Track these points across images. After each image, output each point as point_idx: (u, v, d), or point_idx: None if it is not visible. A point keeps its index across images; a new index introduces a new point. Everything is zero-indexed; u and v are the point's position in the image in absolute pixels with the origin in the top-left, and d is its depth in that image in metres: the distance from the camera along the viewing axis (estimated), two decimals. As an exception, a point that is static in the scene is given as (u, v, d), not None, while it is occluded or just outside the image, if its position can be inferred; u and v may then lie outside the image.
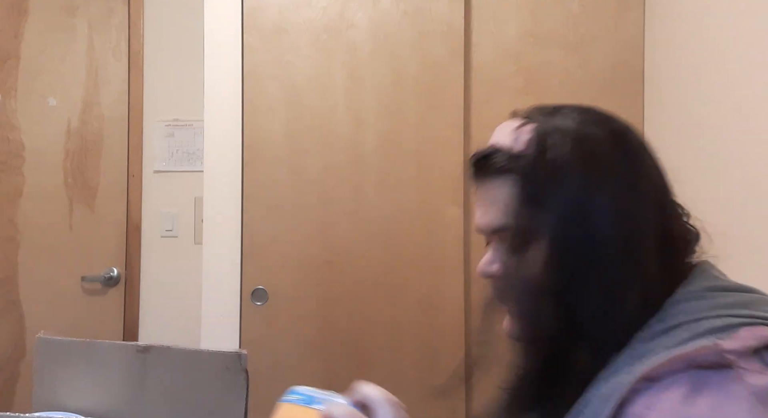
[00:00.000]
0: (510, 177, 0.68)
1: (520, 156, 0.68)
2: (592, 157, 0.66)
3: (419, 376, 2.14)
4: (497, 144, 0.71)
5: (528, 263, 0.67)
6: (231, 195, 2.16)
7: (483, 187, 0.71)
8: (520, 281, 0.68)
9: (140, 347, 1.03)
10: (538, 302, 0.67)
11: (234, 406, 0.97)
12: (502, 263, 0.71)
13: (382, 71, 2.16)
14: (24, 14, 2.65)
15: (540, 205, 0.66)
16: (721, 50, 1.70)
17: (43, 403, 1.08)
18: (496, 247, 0.73)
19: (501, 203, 0.69)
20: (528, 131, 0.69)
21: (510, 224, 0.68)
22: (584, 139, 0.67)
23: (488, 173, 0.70)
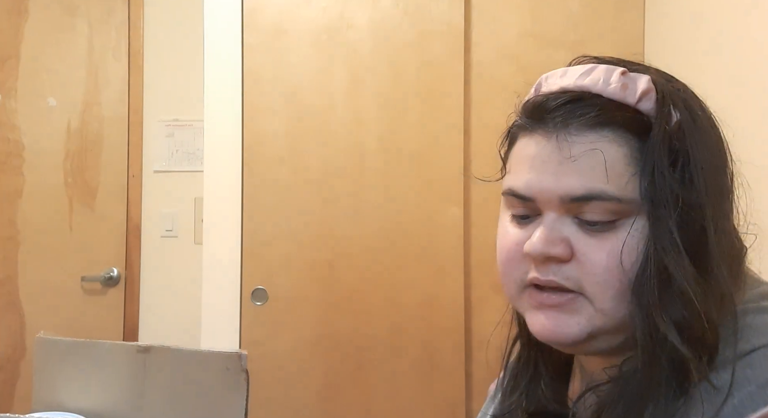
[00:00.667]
0: (624, 133, 0.55)
1: (639, 114, 0.56)
2: (717, 132, 0.59)
3: (419, 376, 2.14)
4: (589, 87, 0.57)
5: (653, 246, 0.54)
6: (231, 195, 2.16)
7: (572, 132, 0.56)
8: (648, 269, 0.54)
9: (140, 347, 1.03)
10: (653, 298, 0.54)
11: (234, 406, 0.97)
12: (578, 245, 0.56)
13: (382, 71, 2.16)
14: (24, 14, 2.65)
15: (669, 177, 0.54)
16: (721, 50, 1.70)
17: (43, 403, 1.08)
18: (557, 220, 0.57)
19: (609, 162, 0.55)
20: (645, 82, 0.57)
21: (624, 196, 0.54)
22: (707, 111, 0.59)
23: (586, 120, 0.56)
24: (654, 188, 0.54)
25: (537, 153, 0.57)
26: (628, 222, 0.55)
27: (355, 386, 2.14)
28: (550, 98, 0.58)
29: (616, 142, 0.55)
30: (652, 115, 0.56)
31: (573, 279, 0.56)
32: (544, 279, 0.57)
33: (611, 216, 0.55)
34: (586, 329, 0.56)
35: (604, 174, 0.55)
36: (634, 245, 0.54)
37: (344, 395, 2.14)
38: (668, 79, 0.59)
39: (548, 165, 0.56)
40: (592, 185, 0.55)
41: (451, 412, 2.13)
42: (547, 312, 0.58)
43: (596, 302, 0.55)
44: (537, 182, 0.57)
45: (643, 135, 0.55)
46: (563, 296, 0.57)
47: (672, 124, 0.55)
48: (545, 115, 0.57)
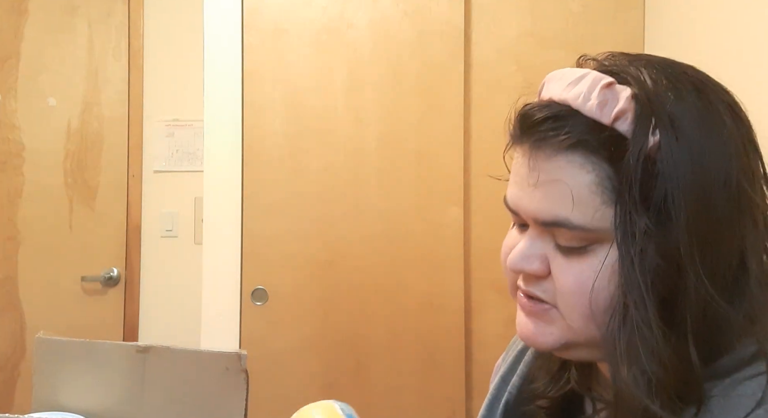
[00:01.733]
0: (594, 158, 0.52)
1: (615, 135, 0.51)
2: (728, 151, 0.51)
3: (419, 376, 2.14)
4: (570, 101, 0.53)
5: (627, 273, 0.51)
6: (231, 195, 2.16)
7: (541, 156, 0.54)
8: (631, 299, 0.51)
9: (140, 348, 1.03)
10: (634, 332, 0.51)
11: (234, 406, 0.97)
12: (552, 264, 0.56)
13: (382, 71, 2.16)
14: (24, 14, 2.65)
15: (642, 212, 0.50)
16: (721, 50, 1.70)
17: (43, 403, 1.08)
18: (538, 237, 0.56)
19: (575, 190, 0.52)
20: (624, 100, 0.52)
21: (591, 225, 0.52)
22: (714, 123, 0.52)
23: (557, 143, 0.53)
24: (622, 224, 0.50)
25: (519, 169, 0.57)
26: (602, 249, 0.52)
27: (355, 386, 2.14)
28: (533, 112, 0.55)
29: (585, 169, 0.52)
30: (629, 137, 0.51)
31: (549, 293, 0.57)
32: (524, 289, 0.59)
33: (583, 242, 0.53)
34: (560, 340, 0.57)
35: (570, 203, 0.52)
36: (605, 276, 0.52)
37: (344, 395, 2.13)
38: (673, 83, 0.53)
39: (525, 183, 0.56)
40: (557, 213, 0.53)
41: (451, 412, 2.13)
42: (528, 317, 0.59)
43: (567, 318, 0.56)
44: (517, 199, 0.57)
45: (617, 160, 0.51)
46: (540, 305, 0.58)
47: (649, 149, 0.50)
48: (527, 130, 0.55)
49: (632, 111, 0.51)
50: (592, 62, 0.58)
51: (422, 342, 2.15)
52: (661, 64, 0.56)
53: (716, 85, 0.55)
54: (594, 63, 0.58)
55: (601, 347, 0.54)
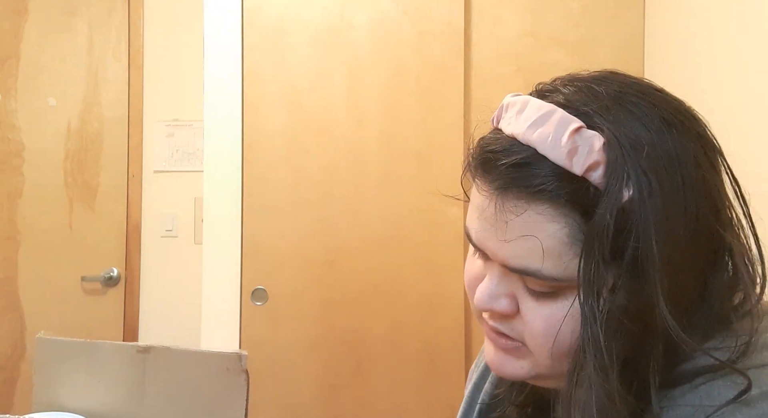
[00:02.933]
0: (565, 210, 0.49)
1: (586, 186, 0.49)
2: (699, 199, 0.50)
3: (419, 376, 2.14)
4: (536, 145, 0.50)
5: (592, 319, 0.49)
6: (231, 195, 2.16)
7: (508, 205, 0.51)
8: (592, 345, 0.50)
9: (140, 348, 1.03)
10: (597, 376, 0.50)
11: (234, 406, 0.97)
12: (522, 304, 0.54)
13: (382, 71, 2.16)
14: (24, 14, 2.65)
15: (610, 265, 0.48)
16: (721, 50, 1.70)
17: (43, 403, 1.08)
18: (505, 275, 0.55)
19: (546, 243, 0.50)
20: (596, 150, 0.49)
21: (562, 275, 0.50)
22: (687, 169, 0.50)
23: (526, 190, 0.50)
24: (588, 281, 0.49)
25: (483, 209, 0.54)
26: (572, 294, 0.51)
27: (355, 386, 2.14)
28: (497, 155, 0.52)
29: (556, 221, 0.49)
30: (601, 189, 0.48)
31: (517, 331, 0.55)
32: (492, 325, 0.57)
33: (552, 288, 0.52)
34: (529, 374, 0.57)
35: (540, 256, 0.50)
36: (573, 319, 0.51)
37: (344, 395, 2.14)
38: (644, 124, 0.50)
39: (491, 225, 0.53)
40: (527, 265, 0.51)
41: (451, 412, 2.13)
42: (497, 350, 0.58)
43: (536, 356, 0.55)
44: (484, 239, 0.54)
45: (589, 211, 0.49)
46: (509, 343, 0.57)
47: (623, 203, 0.48)
48: (491, 172, 0.53)
49: (604, 163, 0.49)
50: (553, 95, 0.54)
51: (422, 342, 2.15)
52: (626, 97, 0.52)
53: (683, 112, 0.53)
54: (556, 96, 0.53)
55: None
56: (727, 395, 0.49)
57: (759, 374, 0.50)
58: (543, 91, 0.55)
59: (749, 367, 0.50)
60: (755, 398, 0.48)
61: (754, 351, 0.51)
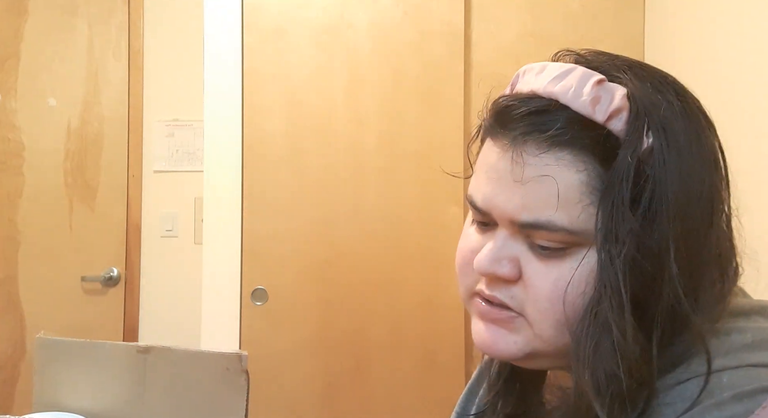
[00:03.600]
0: (585, 157, 0.50)
1: (607, 134, 0.50)
2: (708, 158, 0.52)
3: (419, 376, 2.14)
4: (558, 96, 0.51)
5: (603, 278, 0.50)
6: (231, 195, 2.16)
7: (526, 151, 0.51)
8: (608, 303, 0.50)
9: (141, 348, 1.03)
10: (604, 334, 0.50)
11: (234, 406, 0.97)
12: (526, 268, 0.53)
13: (382, 71, 2.16)
14: (24, 14, 2.65)
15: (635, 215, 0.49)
16: (721, 50, 1.70)
17: (43, 403, 1.08)
18: (510, 238, 0.54)
19: (562, 189, 0.50)
20: (619, 98, 0.50)
21: (573, 227, 0.50)
22: (698, 130, 0.52)
23: (545, 138, 0.50)
24: (608, 225, 0.49)
25: (495, 165, 0.53)
26: (581, 252, 0.51)
27: (355, 386, 2.14)
28: (515, 105, 0.52)
29: (574, 167, 0.50)
30: (622, 137, 0.50)
31: (517, 299, 0.54)
32: (489, 294, 0.55)
33: (562, 244, 0.51)
34: (524, 350, 0.55)
35: (555, 203, 0.50)
36: (582, 279, 0.51)
37: (344, 395, 2.14)
38: (658, 89, 0.52)
39: (502, 182, 0.52)
40: (539, 214, 0.51)
41: (451, 412, 2.13)
42: (488, 324, 0.56)
43: (535, 327, 0.53)
44: (491, 198, 0.53)
45: (608, 159, 0.50)
46: (505, 312, 0.55)
47: (642, 151, 0.49)
48: (508, 123, 0.52)
49: (627, 111, 0.50)
50: (571, 57, 0.55)
51: (422, 342, 2.15)
52: (641, 66, 0.54)
53: (686, 89, 0.55)
54: (574, 57, 0.55)
55: (568, 354, 0.52)
56: (704, 400, 0.49)
57: (733, 375, 0.49)
58: (560, 58, 0.56)
59: (725, 367, 0.50)
60: (727, 400, 0.48)
61: (731, 352, 0.51)
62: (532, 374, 0.64)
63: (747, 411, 0.47)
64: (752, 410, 0.47)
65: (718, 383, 0.49)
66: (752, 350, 0.51)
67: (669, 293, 0.50)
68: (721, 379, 0.49)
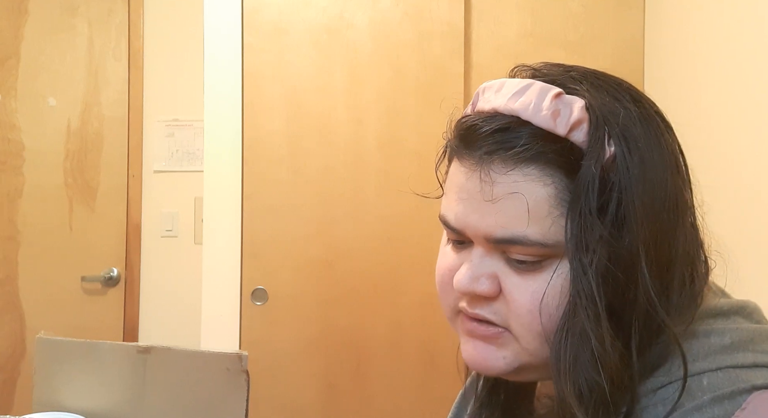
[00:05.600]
0: (551, 171, 0.51)
1: (570, 146, 0.51)
2: (669, 161, 0.53)
3: (419, 376, 2.14)
4: (519, 112, 0.52)
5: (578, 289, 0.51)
6: (231, 195, 2.16)
7: (494, 169, 0.52)
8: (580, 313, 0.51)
9: (141, 348, 1.03)
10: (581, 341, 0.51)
11: (234, 407, 0.97)
12: (505, 283, 0.54)
13: (382, 71, 2.16)
14: (24, 14, 2.65)
15: (602, 222, 0.50)
16: (721, 50, 1.70)
17: (43, 403, 1.08)
18: (486, 255, 0.55)
19: (532, 204, 0.51)
20: (578, 110, 0.51)
21: (547, 240, 0.51)
22: (656, 134, 0.53)
23: (511, 156, 0.51)
24: (578, 234, 0.50)
25: (464, 185, 0.54)
26: (555, 264, 0.52)
27: (355, 386, 2.14)
28: (478, 124, 0.53)
29: (541, 182, 0.51)
30: (584, 148, 0.51)
31: (500, 314, 0.54)
32: (472, 313, 0.56)
33: (537, 257, 0.52)
34: (513, 364, 0.55)
35: (526, 218, 0.51)
36: (557, 291, 0.52)
37: (344, 395, 2.14)
38: (615, 97, 0.53)
39: (473, 202, 0.54)
40: (513, 230, 0.51)
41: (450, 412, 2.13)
42: (476, 342, 0.56)
43: (522, 340, 0.54)
44: (463, 217, 0.55)
45: (573, 171, 0.51)
46: (491, 329, 0.55)
47: (605, 160, 0.50)
48: (473, 143, 0.53)
49: (587, 122, 0.51)
50: (527, 72, 0.56)
51: (422, 342, 2.15)
52: (596, 76, 0.55)
53: (642, 93, 0.56)
54: (530, 72, 0.56)
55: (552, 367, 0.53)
56: (684, 403, 0.49)
57: (713, 377, 0.50)
58: (517, 74, 0.57)
59: (705, 370, 0.50)
60: (707, 403, 0.49)
61: (710, 354, 0.52)
62: (517, 385, 0.64)
63: (727, 413, 0.48)
64: (732, 412, 0.48)
65: (699, 385, 0.50)
66: (731, 351, 0.52)
67: (643, 297, 0.50)
68: (701, 381, 0.50)
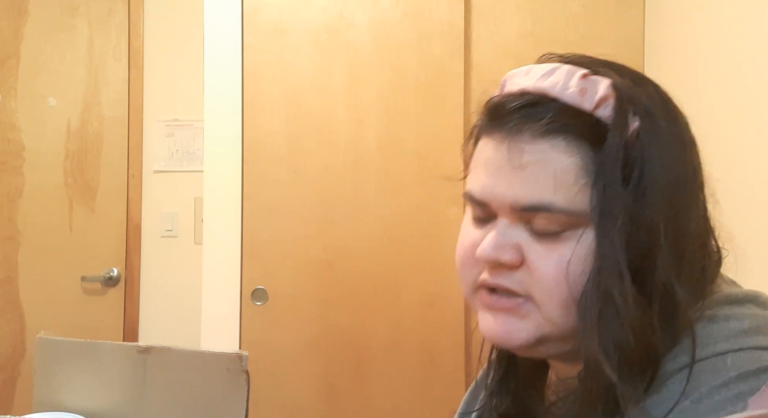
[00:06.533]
0: (577, 142, 0.53)
1: (595, 121, 0.54)
2: (685, 141, 0.56)
3: (419, 376, 2.14)
4: (547, 90, 0.55)
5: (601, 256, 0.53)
6: (231, 195, 2.16)
7: (521, 139, 0.54)
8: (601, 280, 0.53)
9: (141, 348, 1.03)
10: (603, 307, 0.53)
11: (234, 407, 0.97)
12: (529, 252, 0.55)
13: (382, 71, 2.16)
14: (24, 14, 2.65)
15: (622, 191, 0.52)
16: (721, 49, 1.70)
17: (43, 403, 1.08)
18: (510, 226, 0.56)
19: (558, 173, 0.53)
20: (604, 87, 0.54)
21: (572, 208, 0.53)
22: (675, 116, 0.57)
23: (538, 127, 0.54)
24: (603, 202, 0.52)
25: (492, 157, 0.57)
26: (578, 233, 0.54)
27: (355, 386, 2.14)
28: (507, 100, 0.56)
29: (568, 152, 0.53)
30: (610, 123, 0.54)
31: (523, 284, 0.56)
32: (494, 282, 0.57)
33: (561, 226, 0.54)
34: (534, 335, 0.56)
35: (553, 185, 0.53)
36: (582, 258, 0.53)
37: (344, 395, 2.14)
38: (636, 83, 0.57)
39: (501, 171, 0.56)
40: (540, 197, 0.53)
41: (451, 412, 2.12)
42: (497, 315, 0.58)
43: (543, 309, 0.55)
44: (490, 188, 0.56)
45: (598, 144, 0.53)
46: (513, 300, 0.56)
47: (629, 134, 0.53)
48: (502, 118, 0.56)
49: (613, 98, 0.54)
50: (555, 58, 0.60)
51: (422, 342, 2.15)
52: (619, 65, 0.59)
53: (664, 89, 0.59)
54: (557, 59, 0.59)
55: (576, 335, 0.54)
56: (710, 380, 0.51)
57: (736, 357, 0.51)
58: (545, 60, 0.61)
59: (727, 350, 0.52)
60: (732, 380, 0.50)
61: (731, 337, 0.53)
62: (528, 374, 0.65)
63: (752, 389, 0.49)
64: (757, 388, 0.50)
65: (723, 364, 0.51)
66: (750, 334, 0.53)
67: (662, 265, 0.53)
68: (725, 361, 0.51)
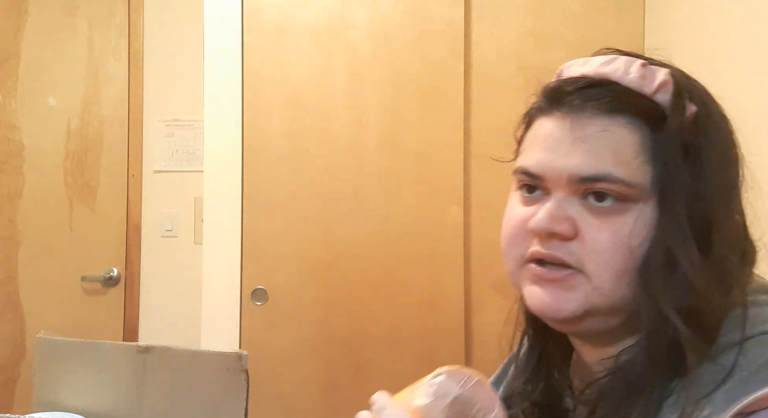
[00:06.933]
0: (637, 121, 0.57)
1: (654, 105, 0.57)
2: (729, 129, 0.61)
3: (419, 376, 2.13)
4: (609, 75, 0.59)
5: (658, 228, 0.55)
6: (231, 195, 2.16)
7: (583, 116, 0.57)
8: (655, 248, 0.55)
9: (141, 348, 1.03)
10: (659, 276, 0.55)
11: (234, 406, 0.97)
12: (583, 225, 0.57)
13: (382, 71, 2.16)
14: (24, 14, 2.65)
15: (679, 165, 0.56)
16: (721, 50, 1.70)
17: (43, 403, 1.08)
18: (565, 199, 0.58)
19: (619, 147, 0.56)
20: (664, 74, 0.59)
21: (631, 180, 0.55)
22: (720, 107, 0.61)
23: (600, 105, 0.57)
24: (665, 177, 0.55)
25: (551, 133, 0.59)
26: (635, 207, 0.56)
27: (355, 386, 2.14)
28: (568, 82, 0.59)
29: (628, 129, 0.56)
30: (668, 107, 0.57)
31: (575, 255, 0.57)
32: (546, 252, 0.58)
33: (617, 198, 0.56)
34: (582, 307, 0.57)
35: (614, 157, 0.56)
36: (640, 230, 0.55)
37: (344, 395, 2.14)
38: (686, 76, 0.61)
39: (560, 144, 0.58)
40: (601, 166, 0.56)
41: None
42: (545, 286, 0.59)
43: (595, 280, 0.56)
44: (548, 161, 0.58)
45: (656, 125, 0.56)
46: (562, 271, 0.58)
47: (687, 117, 0.57)
48: (563, 97, 0.59)
49: (671, 84, 0.58)
50: (611, 51, 0.63)
51: (422, 342, 2.15)
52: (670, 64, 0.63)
53: None
54: (616, 52, 0.62)
55: (624, 307, 0.56)
56: (765, 354, 0.52)
57: None
58: (601, 53, 0.63)
59: None
60: None
61: None
62: (560, 359, 0.67)
63: None
64: None
65: None
66: None
67: (718, 240, 0.56)
68: None
